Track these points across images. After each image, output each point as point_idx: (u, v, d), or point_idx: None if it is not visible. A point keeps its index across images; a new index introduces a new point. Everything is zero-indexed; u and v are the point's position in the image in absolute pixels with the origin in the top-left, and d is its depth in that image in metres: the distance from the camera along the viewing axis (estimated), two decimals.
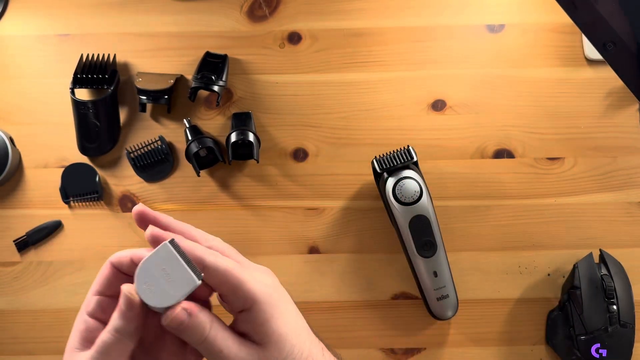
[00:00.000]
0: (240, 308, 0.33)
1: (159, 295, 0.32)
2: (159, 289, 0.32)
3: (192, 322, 0.32)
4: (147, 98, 0.63)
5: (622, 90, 0.65)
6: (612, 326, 0.56)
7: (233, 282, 0.33)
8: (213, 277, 0.33)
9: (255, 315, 0.33)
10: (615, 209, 0.63)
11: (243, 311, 0.33)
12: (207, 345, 0.32)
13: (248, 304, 0.33)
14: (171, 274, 0.32)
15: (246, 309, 0.33)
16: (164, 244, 0.32)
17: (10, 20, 0.67)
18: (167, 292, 0.32)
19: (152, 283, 0.32)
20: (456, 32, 0.66)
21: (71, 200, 0.63)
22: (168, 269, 0.32)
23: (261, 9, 0.67)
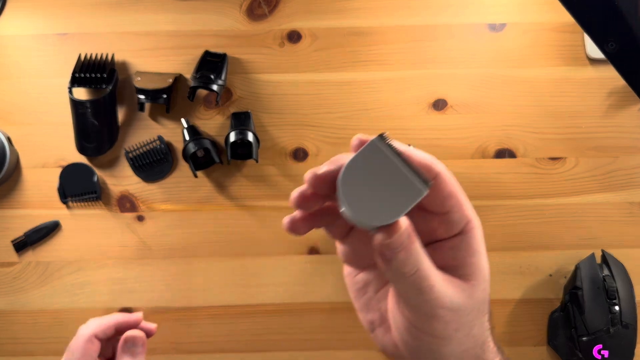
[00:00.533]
0: (453, 231, 0.28)
1: (371, 209, 0.25)
2: (370, 202, 0.25)
3: (411, 247, 0.26)
4: (145, 97, 0.62)
5: (624, 89, 0.64)
6: (614, 327, 0.56)
7: (458, 199, 0.27)
8: (440, 189, 0.27)
9: (469, 243, 0.28)
10: (617, 209, 0.63)
11: (454, 236, 0.28)
12: (416, 279, 0.26)
13: (465, 227, 0.28)
14: (384, 182, 0.25)
15: (461, 232, 0.28)
16: (372, 142, 0.26)
17: (8, 19, 0.67)
18: (382, 205, 0.25)
19: (359, 193, 0.25)
20: (457, 31, 0.66)
21: (69, 201, 0.63)
22: (379, 175, 0.25)
23: (261, 7, 0.66)
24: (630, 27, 0.46)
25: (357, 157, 0.25)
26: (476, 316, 0.28)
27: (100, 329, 0.49)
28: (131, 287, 0.62)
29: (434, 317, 0.27)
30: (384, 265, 0.26)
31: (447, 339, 0.28)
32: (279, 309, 0.62)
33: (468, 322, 0.28)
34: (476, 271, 0.28)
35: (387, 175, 0.25)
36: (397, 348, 0.30)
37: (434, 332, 0.28)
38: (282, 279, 0.62)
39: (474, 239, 0.28)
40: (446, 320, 0.27)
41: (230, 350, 0.62)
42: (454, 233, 0.28)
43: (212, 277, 0.63)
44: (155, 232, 0.63)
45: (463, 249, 0.28)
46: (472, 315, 0.28)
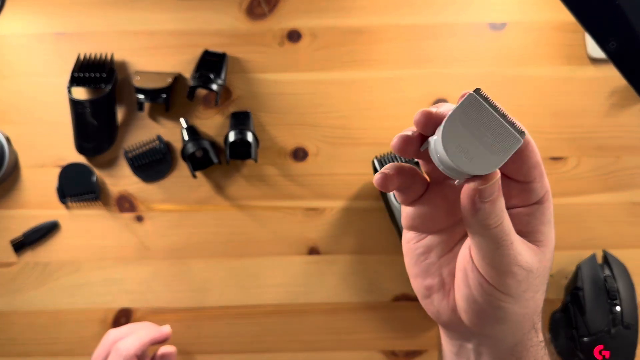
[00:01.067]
0: (531, 200, 0.29)
1: (469, 157, 0.26)
2: (469, 151, 0.26)
3: (498, 199, 0.27)
4: (145, 97, 0.62)
5: (626, 89, 0.64)
6: (615, 327, 0.56)
7: (541, 169, 0.29)
8: (527, 158, 0.29)
9: (543, 212, 0.29)
10: (619, 209, 0.63)
11: (530, 205, 0.30)
12: (498, 232, 0.28)
13: (543, 197, 0.29)
14: (482, 132, 0.26)
15: (538, 202, 0.29)
16: (469, 95, 0.27)
17: (7, 18, 0.67)
18: (479, 155, 0.26)
19: (459, 142, 0.26)
20: (458, 30, 0.66)
21: (68, 201, 0.63)
22: (478, 126, 0.26)
23: (260, 6, 0.66)
24: (631, 26, 0.46)
25: (459, 108, 0.27)
26: (542, 281, 0.30)
27: (141, 350, 0.53)
28: (130, 288, 0.62)
29: (509, 274, 0.28)
30: (470, 215, 0.27)
31: (515, 298, 0.29)
32: (278, 309, 0.62)
33: (535, 285, 0.30)
34: (547, 239, 0.30)
35: (485, 126, 0.27)
36: (454, 312, 0.32)
37: (506, 289, 0.29)
38: (281, 279, 0.62)
39: (548, 209, 0.30)
40: (519, 278, 0.29)
41: (230, 351, 0.62)
42: (532, 202, 0.29)
43: (212, 278, 0.62)
44: (154, 232, 0.63)
45: (538, 217, 0.30)
46: (539, 279, 0.30)
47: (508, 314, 0.30)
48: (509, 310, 0.30)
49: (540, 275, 0.30)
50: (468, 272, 0.30)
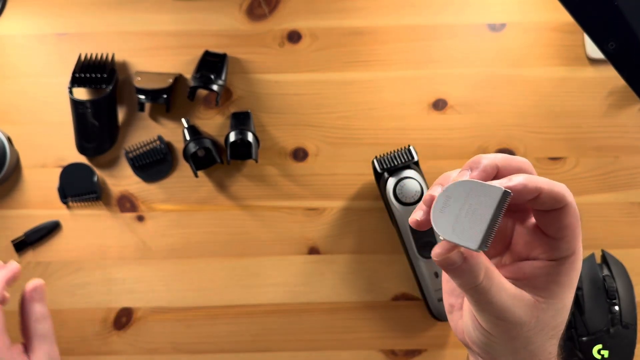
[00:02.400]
0: (552, 256, 0.31)
1: (450, 224, 0.28)
2: (453, 220, 0.28)
3: (464, 267, 0.29)
4: (145, 97, 0.62)
5: (624, 89, 0.64)
6: (614, 327, 0.56)
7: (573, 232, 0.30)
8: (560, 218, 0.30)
9: (560, 272, 0.31)
10: (617, 209, 0.63)
11: (552, 261, 0.31)
12: (474, 294, 0.30)
13: (566, 258, 0.30)
14: (467, 215, 0.28)
15: (558, 260, 0.31)
16: (498, 188, 0.28)
17: (8, 19, 0.67)
18: (459, 226, 0.28)
19: (450, 209, 0.29)
20: (457, 31, 0.66)
21: (69, 201, 0.63)
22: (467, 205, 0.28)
23: (261, 7, 0.66)
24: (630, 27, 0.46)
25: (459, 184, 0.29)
26: (537, 335, 0.31)
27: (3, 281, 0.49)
28: (131, 287, 0.62)
29: (495, 325, 0.31)
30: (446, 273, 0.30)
31: (503, 343, 0.32)
32: (279, 309, 0.62)
33: (526, 338, 0.31)
34: (553, 299, 0.31)
35: (472, 210, 0.28)
36: (463, 334, 0.34)
37: (496, 335, 0.31)
38: (282, 279, 0.62)
39: (565, 272, 0.31)
40: (504, 329, 0.31)
41: (230, 350, 0.62)
42: (552, 258, 0.31)
43: (212, 277, 0.63)
44: (155, 232, 0.63)
45: (551, 274, 0.31)
46: (532, 332, 0.31)
47: (497, 353, 0.32)
48: (497, 350, 0.32)
49: (535, 329, 0.31)
50: (468, 312, 0.33)
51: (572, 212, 0.30)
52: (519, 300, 0.30)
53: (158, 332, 0.62)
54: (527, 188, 0.29)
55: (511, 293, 0.30)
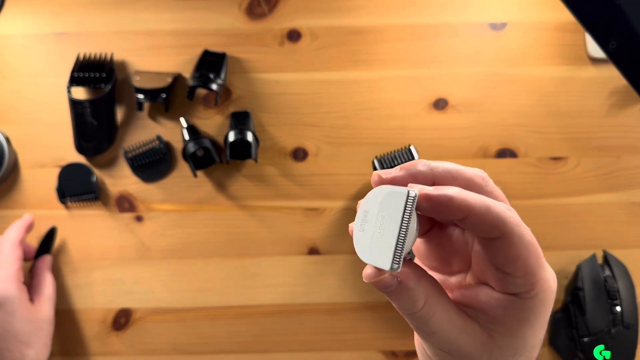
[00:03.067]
0: (507, 291, 0.26)
1: (367, 244, 0.25)
2: (369, 238, 0.25)
3: (399, 291, 0.25)
4: (144, 97, 0.62)
5: (626, 89, 0.64)
6: (615, 328, 0.56)
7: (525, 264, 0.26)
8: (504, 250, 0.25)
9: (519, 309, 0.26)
10: (619, 209, 0.63)
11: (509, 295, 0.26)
12: (414, 322, 0.26)
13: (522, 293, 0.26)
14: (380, 229, 0.25)
15: (515, 295, 0.26)
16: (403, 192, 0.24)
17: (6, 18, 0.66)
18: (375, 244, 0.25)
19: (367, 226, 0.25)
20: (458, 30, 0.66)
21: (68, 201, 0.63)
22: (384, 222, 0.25)
23: (260, 6, 0.66)
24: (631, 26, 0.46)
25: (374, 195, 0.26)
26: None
27: (22, 235, 0.58)
28: (130, 288, 0.62)
29: (437, 356, 0.28)
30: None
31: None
32: (278, 309, 0.62)
33: None
34: (512, 337, 0.26)
35: (384, 223, 0.25)
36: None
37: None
38: (282, 279, 0.62)
39: (526, 308, 0.26)
40: (447, 359, 0.27)
41: (230, 351, 0.61)
42: (508, 292, 0.26)
43: (212, 278, 0.62)
44: (154, 232, 0.63)
45: (510, 310, 0.26)
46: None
47: None
48: None
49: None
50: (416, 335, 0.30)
51: (517, 242, 0.25)
52: (467, 334, 0.26)
53: (157, 333, 0.62)
54: (452, 203, 0.24)
55: (458, 324, 0.26)
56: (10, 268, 0.55)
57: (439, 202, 0.24)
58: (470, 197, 0.24)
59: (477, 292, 0.27)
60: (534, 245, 0.26)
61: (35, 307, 0.56)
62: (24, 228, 0.59)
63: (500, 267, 0.26)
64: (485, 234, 0.25)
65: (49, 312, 0.57)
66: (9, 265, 0.55)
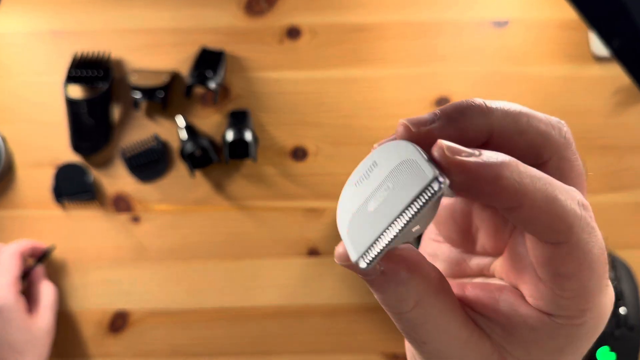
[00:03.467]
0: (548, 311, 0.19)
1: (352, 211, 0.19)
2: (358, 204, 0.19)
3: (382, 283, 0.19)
4: (141, 95, 0.62)
5: (630, 87, 0.64)
6: (619, 329, 0.55)
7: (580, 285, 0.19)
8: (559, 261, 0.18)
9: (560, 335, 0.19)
10: (623, 210, 0.62)
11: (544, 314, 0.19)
12: (401, 325, 0.20)
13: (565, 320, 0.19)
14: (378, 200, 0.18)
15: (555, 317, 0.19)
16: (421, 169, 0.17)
17: (2, 16, 0.66)
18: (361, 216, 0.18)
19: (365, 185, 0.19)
20: (461, 28, 0.65)
21: (64, 201, 0.62)
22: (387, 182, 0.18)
23: (259, 3, 0.66)
24: (635, 24, 0.45)
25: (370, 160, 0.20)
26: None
27: (24, 250, 0.59)
28: (127, 289, 0.62)
29: None
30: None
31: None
32: (278, 311, 0.61)
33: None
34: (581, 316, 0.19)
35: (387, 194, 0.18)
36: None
37: None
38: (281, 280, 0.62)
39: (563, 336, 0.19)
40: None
41: (228, 353, 0.61)
42: (545, 312, 0.19)
43: (210, 279, 0.62)
44: (152, 233, 0.62)
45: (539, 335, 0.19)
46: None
47: None
48: None
49: None
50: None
51: (581, 257, 0.18)
52: (470, 352, 0.19)
53: (154, 335, 0.61)
54: (499, 183, 0.17)
55: (460, 337, 0.19)
56: (9, 276, 0.55)
57: (479, 179, 0.17)
58: (529, 179, 0.17)
59: (500, 298, 0.20)
60: (601, 262, 0.19)
61: (32, 317, 0.56)
62: (27, 245, 0.59)
63: (547, 279, 0.19)
64: (540, 235, 0.18)
65: (48, 322, 0.57)
66: (8, 273, 0.55)
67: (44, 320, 0.56)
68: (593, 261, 0.18)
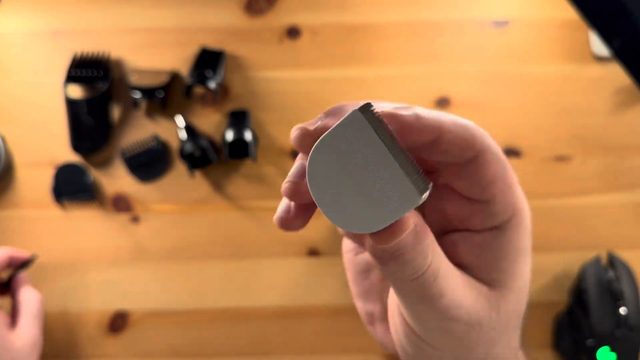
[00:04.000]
0: (491, 224, 0.23)
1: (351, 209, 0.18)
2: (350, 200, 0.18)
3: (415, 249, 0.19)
4: (141, 95, 0.62)
5: (631, 87, 0.64)
6: (619, 329, 0.55)
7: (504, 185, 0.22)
8: (479, 173, 0.22)
9: (506, 242, 0.23)
10: (624, 210, 0.62)
11: (490, 229, 0.23)
12: (420, 284, 0.20)
13: (507, 221, 0.23)
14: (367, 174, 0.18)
15: (499, 226, 0.23)
16: (354, 112, 0.18)
17: (2, 16, 0.66)
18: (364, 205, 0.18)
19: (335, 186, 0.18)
20: (461, 27, 0.65)
21: (64, 200, 0.62)
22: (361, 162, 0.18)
23: (259, 3, 0.66)
24: (636, 24, 0.45)
25: (332, 136, 0.18)
26: (502, 332, 0.23)
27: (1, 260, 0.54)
28: (126, 290, 0.62)
29: (443, 331, 0.21)
30: (379, 266, 0.20)
31: (457, 355, 0.22)
32: (277, 312, 0.61)
33: (488, 340, 0.22)
34: (509, 278, 0.23)
35: (371, 165, 0.18)
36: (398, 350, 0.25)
37: (441, 347, 0.22)
38: (281, 281, 0.62)
39: (513, 238, 0.23)
40: (458, 335, 0.21)
41: (228, 354, 0.61)
42: (492, 225, 0.22)
43: (209, 280, 0.62)
44: (151, 233, 0.63)
45: (496, 247, 0.22)
46: (495, 332, 0.22)
47: None
48: None
49: (498, 327, 0.22)
50: (395, 316, 0.23)
51: (491, 161, 0.21)
52: (472, 290, 0.22)
53: (154, 336, 0.61)
54: (422, 121, 0.20)
55: (461, 278, 0.22)
56: None
57: (407, 122, 0.20)
58: (438, 115, 0.21)
59: (453, 242, 0.23)
60: (509, 166, 0.22)
61: (14, 332, 0.51)
62: (4, 255, 0.55)
63: (478, 196, 0.22)
64: (459, 155, 0.21)
65: (32, 334, 0.52)
66: None
67: (28, 334, 0.51)
68: (505, 162, 0.22)
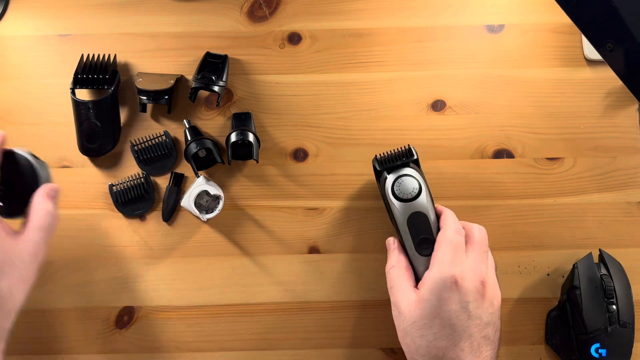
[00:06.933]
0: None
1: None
2: None
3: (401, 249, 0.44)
4: (147, 98, 0.63)
5: (622, 90, 0.64)
6: (611, 326, 0.56)
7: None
8: None
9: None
10: (614, 209, 0.63)
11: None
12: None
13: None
14: None
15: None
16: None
17: (10, 20, 0.67)
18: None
19: None
20: (456, 32, 0.66)
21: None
22: None
23: (261, 9, 0.67)
24: (627, 28, 0.46)
25: None
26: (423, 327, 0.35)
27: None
28: (132, 287, 0.63)
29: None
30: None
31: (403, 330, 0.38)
32: (279, 307, 0.62)
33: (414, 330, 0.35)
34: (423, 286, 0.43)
35: None
36: None
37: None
38: (282, 278, 0.63)
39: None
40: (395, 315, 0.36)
41: (231, 348, 0.62)
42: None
43: (213, 276, 0.63)
44: (157, 231, 0.63)
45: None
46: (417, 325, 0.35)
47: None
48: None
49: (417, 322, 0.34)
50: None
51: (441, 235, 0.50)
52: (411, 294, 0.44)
53: (160, 331, 0.62)
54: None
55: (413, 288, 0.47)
56: None
57: None
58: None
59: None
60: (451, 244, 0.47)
61: (15, 238, 0.49)
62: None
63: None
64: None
65: (34, 244, 0.50)
66: None
67: (28, 242, 0.50)
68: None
